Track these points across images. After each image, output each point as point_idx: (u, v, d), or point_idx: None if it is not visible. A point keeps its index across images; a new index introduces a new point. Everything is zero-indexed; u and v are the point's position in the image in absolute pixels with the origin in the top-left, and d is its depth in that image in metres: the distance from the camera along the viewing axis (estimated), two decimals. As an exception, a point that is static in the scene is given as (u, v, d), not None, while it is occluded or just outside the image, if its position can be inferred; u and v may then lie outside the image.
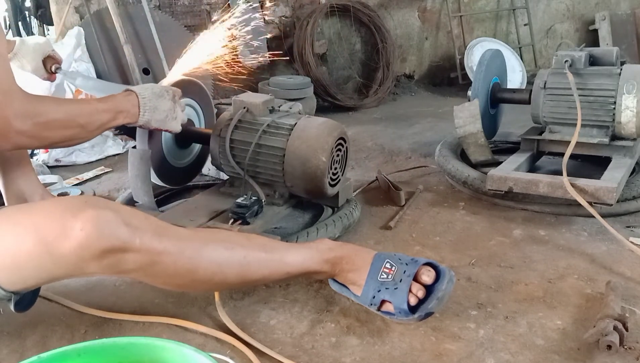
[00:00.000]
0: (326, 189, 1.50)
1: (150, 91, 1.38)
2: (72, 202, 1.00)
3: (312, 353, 1.09)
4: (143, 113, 1.36)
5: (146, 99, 1.36)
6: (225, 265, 1.09)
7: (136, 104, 1.35)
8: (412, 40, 3.91)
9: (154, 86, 1.40)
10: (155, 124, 1.40)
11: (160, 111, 1.39)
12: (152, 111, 1.37)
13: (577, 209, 1.63)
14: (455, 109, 1.93)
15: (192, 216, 1.48)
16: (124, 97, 1.35)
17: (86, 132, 1.25)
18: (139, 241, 0.97)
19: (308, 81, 3.06)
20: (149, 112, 1.36)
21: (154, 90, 1.39)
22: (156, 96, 1.38)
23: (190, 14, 3.15)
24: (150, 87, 1.39)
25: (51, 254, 0.93)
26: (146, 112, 1.36)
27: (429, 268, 1.17)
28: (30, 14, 3.63)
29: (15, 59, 1.58)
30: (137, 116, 1.35)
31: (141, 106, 1.35)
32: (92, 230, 0.93)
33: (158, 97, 1.38)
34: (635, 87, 1.74)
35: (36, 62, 1.60)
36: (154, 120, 1.38)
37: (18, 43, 1.58)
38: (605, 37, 4.13)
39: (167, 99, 1.40)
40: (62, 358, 0.84)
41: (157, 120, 1.39)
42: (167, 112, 1.41)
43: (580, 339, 1.10)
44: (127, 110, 1.33)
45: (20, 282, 0.98)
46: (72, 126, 1.21)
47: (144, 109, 1.36)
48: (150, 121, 1.38)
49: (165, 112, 1.40)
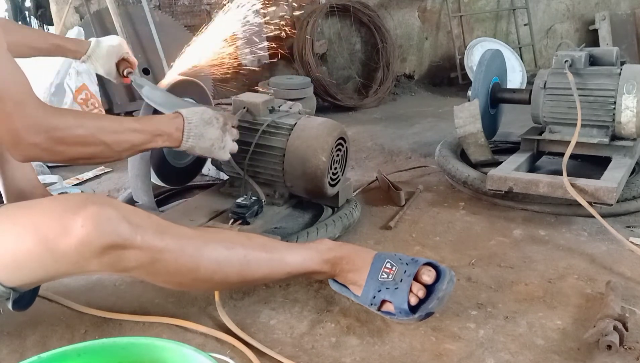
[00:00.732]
0: (326, 189, 1.50)
1: (199, 116, 1.30)
2: (72, 199, 1.00)
3: (312, 353, 1.09)
4: (187, 139, 1.28)
5: (192, 124, 1.28)
6: (226, 263, 1.09)
7: (181, 128, 1.27)
8: (412, 40, 3.91)
9: (205, 111, 1.32)
10: (199, 151, 1.31)
11: (206, 139, 1.30)
12: (197, 138, 1.29)
13: (577, 209, 1.63)
14: (455, 109, 1.93)
15: (192, 216, 1.48)
16: (168, 120, 1.28)
17: (112, 152, 1.17)
18: (140, 238, 0.97)
19: (308, 81, 3.06)
20: (194, 138, 1.28)
21: (204, 116, 1.30)
22: (204, 122, 1.30)
23: (190, 14, 3.15)
24: (200, 112, 1.31)
25: (52, 251, 0.93)
26: (190, 138, 1.28)
27: (429, 268, 1.17)
28: (30, 14, 3.63)
29: (89, 61, 1.56)
30: (180, 141, 1.27)
31: (185, 131, 1.27)
32: (92, 226, 0.93)
33: (206, 123, 1.30)
34: (635, 87, 1.74)
35: (109, 65, 1.57)
36: (198, 147, 1.30)
37: (93, 45, 1.55)
38: (605, 37, 4.13)
39: (216, 127, 1.32)
40: (62, 358, 0.84)
41: (201, 148, 1.31)
42: (214, 141, 1.32)
43: (580, 339, 1.10)
44: (170, 133, 1.25)
45: (20, 279, 0.98)
46: (93, 143, 1.12)
47: (189, 135, 1.28)
48: (195, 148, 1.30)
49: (212, 141, 1.32)
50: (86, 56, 1.55)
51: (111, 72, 1.59)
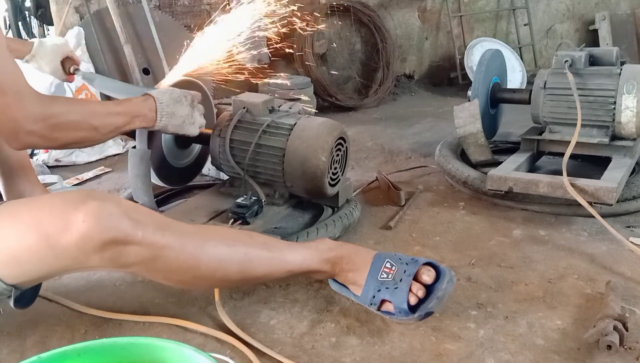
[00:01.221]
0: (326, 189, 1.50)
1: (169, 96, 1.36)
2: (73, 195, 1.00)
3: (312, 353, 1.09)
4: (160, 118, 1.34)
5: (164, 104, 1.34)
6: (227, 261, 1.09)
7: (153, 108, 1.33)
8: (412, 40, 3.91)
9: (173, 91, 1.39)
10: (172, 129, 1.38)
11: (177, 117, 1.37)
12: (169, 116, 1.35)
13: (577, 209, 1.63)
14: (455, 109, 1.93)
15: (192, 216, 1.48)
16: (141, 102, 1.33)
17: (100, 135, 1.23)
18: (141, 234, 0.97)
19: (308, 81, 3.06)
20: (167, 117, 1.35)
21: (172, 95, 1.37)
22: (174, 101, 1.36)
23: (190, 14, 3.15)
24: (168, 92, 1.37)
25: (53, 246, 0.93)
26: (163, 117, 1.34)
27: (429, 267, 1.17)
28: (30, 14, 3.62)
29: (33, 61, 1.57)
30: (154, 120, 1.34)
31: (158, 111, 1.33)
32: (94, 221, 0.93)
33: (176, 102, 1.36)
34: (635, 87, 1.74)
35: (54, 63, 1.59)
36: (170, 125, 1.37)
37: (36, 44, 1.57)
38: (605, 37, 4.13)
39: (185, 104, 1.39)
40: (62, 358, 0.84)
41: (174, 125, 1.37)
42: (185, 117, 1.39)
43: (580, 339, 1.10)
44: (144, 115, 1.32)
45: (21, 276, 0.98)
46: (84, 128, 1.19)
47: (161, 114, 1.34)
48: (168, 126, 1.36)
49: (183, 117, 1.38)
50: (30, 55, 1.57)
51: (56, 70, 1.61)
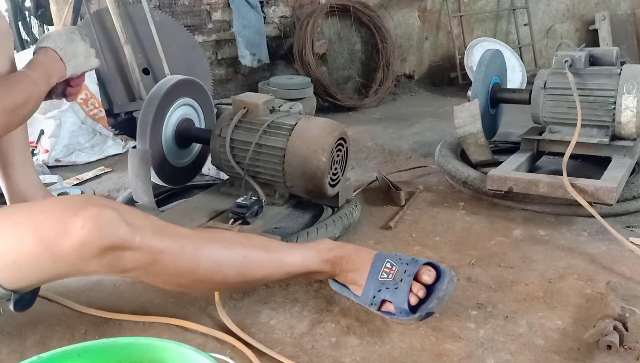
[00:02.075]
0: (326, 189, 1.50)
1: (63, 39, 1.32)
2: (72, 200, 1.00)
3: (312, 353, 1.09)
4: (67, 63, 1.31)
5: (63, 49, 1.31)
6: (226, 264, 1.09)
7: (58, 58, 1.30)
8: (412, 40, 3.90)
9: (61, 33, 1.34)
10: (80, 68, 1.35)
11: (79, 55, 1.34)
12: (73, 57, 1.32)
13: (577, 209, 1.63)
14: (455, 109, 1.93)
15: (192, 216, 1.48)
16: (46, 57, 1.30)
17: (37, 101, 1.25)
18: (140, 239, 0.97)
19: (308, 81, 3.06)
20: (72, 59, 1.32)
21: (64, 37, 1.33)
22: (69, 41, 1.33)
23: (190, 14, 3.15)
24: (59, 35, 1.33)
25: (52, 252, 0.93)
26: (70, 60, 1.32)
27: (429, 267, 1.17)
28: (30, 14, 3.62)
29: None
30: (64, 69, 1.31)
31: (63, 58, 1.31)
32: (92, 227, 0.93)
33: (71, 41, 1.33)
34: (635, 87, 1.74)
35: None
36: (77, 65, 1.34)
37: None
38: (605, 37, 4.13)
39: (78, 39, 1.36)
40: (62, 358, 0.84)
41: (79, 64, 1.35)
42: (85, 53, 1.36)
43: (580, 339, 1.10)
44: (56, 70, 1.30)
45: (20, 281, 0.98)
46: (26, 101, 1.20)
47: (67, 59, 1.31)
48: (77, 67, 1.34)
49: (83, 53, 1.36)
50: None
51: None
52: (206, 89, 1.77)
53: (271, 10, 3.42)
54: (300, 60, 3.30)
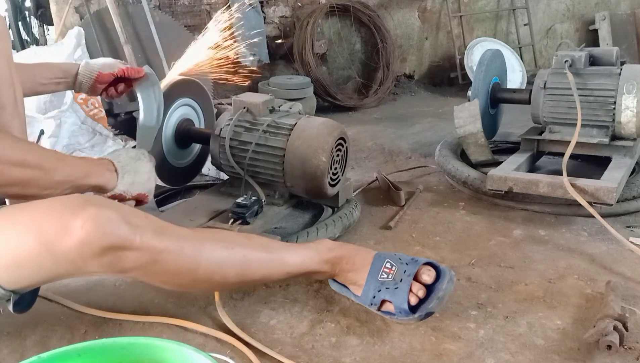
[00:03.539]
0: (326, 189, 1.50)
1: (126, 155, 1.28)
2: (72, 200, 1.00)
3: (312, 353, 1.09)
4: (122, 176, 1.24)
5: (123, 162, 1.26)
6: (225, 264, 1.09)
7: (112, 168, 1.24)
8: (412, 40, 3.91)
9: (129, 150, 1.31)
10: (138, 187, 1.27)
11: (141, 173, 1.28)
12: (133, 173, 1.26)
13: (577, 209, 1.63)
14: (455, 109, 1.93)
15: (192, 216, 1.48)
16: (96, 160, 1.24)
17: (49, 181, 1.11)
18: (139, 239, 0.97)
19: (308, 81, 3.06)
20: (130, 174, 1.25)
21: (129, 154, 1.29)
22: (133, 159, 1.28)
23: (190, 14, 3.15)
24: (124, 152, 1.30)
25: (51, 252, 0.93)
26: (126, 174, 1.24)
27: (429, 267, 1.17)
28: (30, 14, 3.63)
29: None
30: (115, 179, 1.23)
31: (120, 169, 1.24)
32: (92, 227, 0.93)
33: (136, 160, 1.28)
34: (635, 87, 1.74)
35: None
36: (137, 182, 1.27)
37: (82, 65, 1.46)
38: (605, 37, 4.13)
39: (145, 161, 1.30)
40: (62, 358, 0.84)
41: (140, 182, 1.27)
42: (149, 173, 1.30)
43: (580, 339, 1.10)
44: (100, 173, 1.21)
45: (20, 281, 0.98)
46: (31, 165, 1.08)
47: (124, 171, 1.24)
48: (134, 183, 1.26)
49: (147, 173, 1.29)
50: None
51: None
52: (206, 89, 1.77)
53: (271, 10, 3.42)
54: (300, 60, 3.30)
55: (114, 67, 1.47)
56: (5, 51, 1.25)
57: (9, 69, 1.25)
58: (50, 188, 1.12)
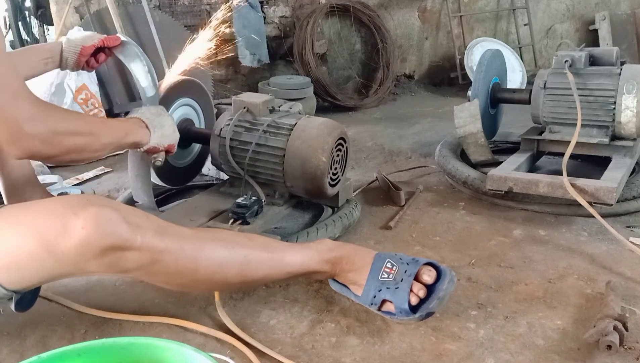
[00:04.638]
0: (326, 189, 1.50)
1: (149, 112, 1.36)
2: (73, 200, 1.00)
3: (312, 353, 1.09)
4: (154, 130, 1.34)
5: (150, 119, 1.35)
6: (226, 264, 1.09)
7: (143, 124, 1.33)
8: (412, 40, 3.90)
9: (150, 108, 1.39)
10: (167, 140, 1.38)
11: (167, 127, 1.38)
12: (160, 127, 1.36)
13: (577, 209, 1.63)
14: (455, 109, 1.93)
15: (192, 216, 1.48)
16: (129, 121, 1.33)
17: (99, 144, 1.21)
18: (140, 239, 0.97)
19: (308, 81, 3.06)
20: (159, 129, 1.35)
21: (151, 110, 1.38)
22: (156, 115, 1.37)
23: (190, 14, 3.15)
24: (146, 110, 1.38)
25: (52, 252, 0.93)
26: (156, 128, 1.34)
27: (429, 267, 1.17)
28: (30, 14, 3.63)
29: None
30: (148, 135, 1.33)
31: (149, 125, 1.34)
32: (93, 228, 0.93)
33: (159, 115, 1.37)
34: (635, 87, 1.74)
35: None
36: (164, 136, 1.37)
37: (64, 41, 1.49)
38: (605, 37, 4.13)
39: (165, 115, 1.40)
40: (62, 358, 0.84)
41: (166, 135, 1.38)
42: (172, 126, 1.40)
43: (580, 339, 1.10)
44: (135, 130, 1.31)
45: (21, 281, 0.98)
46: (83, 132, 1.17)
47: (153, 126, 1.34)
48: (162, 137, 1.36)
49: (171, 126, 1.40)
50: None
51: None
52: (206, 89, 1.77)
53: (271, 10, 3.42)
54: (300, 60, 3.30)
55: (94, 39, 1.49)
56: None
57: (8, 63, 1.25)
58: (101, 150, 1.24)
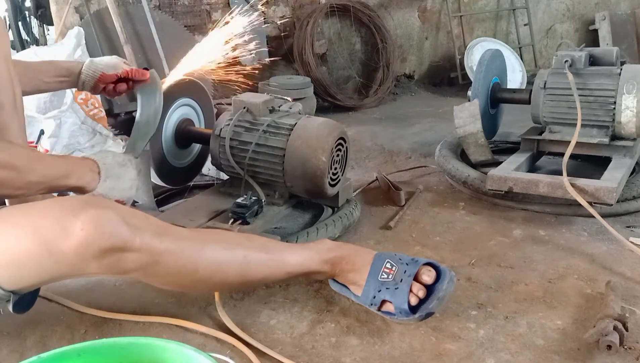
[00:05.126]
0: (326, 189, 1.50)
1: (112, 159, 1.24)
2: (72, 202, 1.00)
3: (312, 353, 1.09)
4: (104, 179, 1.20)
5: (108, 165, 1.22)
6: (226, 264, 1.09)
7: (95, 169, 1.20)
8: (412, 40, 3.90)
9: (117, 154, 1.27)
10: (117, 193, 1.23)
11: (125, 180, 1.24)
12: (116, 178, 1.22)
13: (577, 209, 1.63)
14: (455, 109, 1.93)
15: (192, 216, 1.48)
16: (79, 160, 1.21)
17: (22, 181, 1.08)
18: (139, 240, 0.97)
19: (308, 81, 3.06)
20: (113, 179, 1.21)
21: (117, 158, 1.25)
22: (119, 164, 1.24)
23: (190, 14, 3.15)
24: (112, 155, 1.25)
25: (51, 253, 0.93)
26: (108, 178, 1.20)
27: (429, 268, 1.17)
28: (30, 14, 3.62)
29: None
30: (96, 181, 1.19)
31: (102, 172, 1.20)
32: (92, 229, 0.93)
33: (121, 165, 1.24)
34: (635, 87, 1.74)
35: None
36: (117, 189, 1.22)
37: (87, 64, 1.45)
38: (605, 37, 4.13)
39: (131, 168, 1.26)
40: (62, 358, 0.84)
41: (120, 189, 1.23)
42: (132, 182, 1.26)
43: (580, 339, 1.10)
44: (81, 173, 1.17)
45: (20, 282, 0.98)
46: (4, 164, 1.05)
47: (106, 175, 1.20)
48: (113, 189, 1.22)
49: (131, 181, 1.25)
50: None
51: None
52: (206, 89, 1.77)
53: (271, 10, 3.42)
54: (300, 60, 3.30)
55: (117, 68, 1.47)
56: (4, 51, 1.25)
57: (8, 69, 1.25)
58: (25, 188, 1.10)
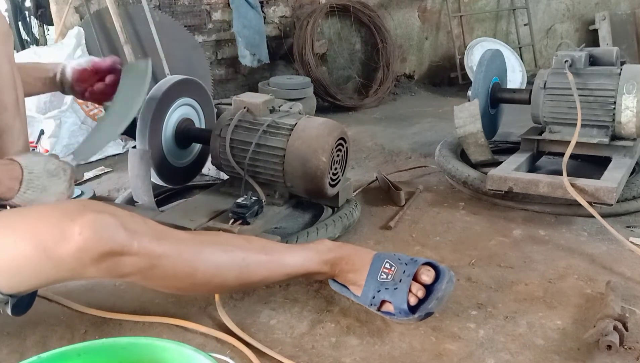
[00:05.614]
0: (326, 190, 1.50)
1: (42, 167, 1.11)
2: (70, 206, 0.99)
3: (312, 353, 1.09)
4: (25, 191, 1.08)
5: (33, 175, 1.09)
6: (224, 267, 1.09)
7: (17, 177, 1.08)
8: (412, 40, 3.91)
9: (49, 160, 1.13)
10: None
11: (50, 194, 1.11)
12: (40, 190, 1.10)
13: (577, 209, 1.63)
14: (455, 109, 1.93)
15: (192, 216, 1.48)
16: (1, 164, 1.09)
17: None
18: (138, 244, 0.97)
19: (308, 81, 3.06)
20: (35, 191, 1.09)
21: (48, 166, 1.12)
22: (49, 173, 1.12)
23: (190, 14, 3.15)
24: (42, 162, 1.12)
25: (50, 258, 0.93)
26: (29, 190, 1.09)
27: (428, 267, 1.17)
28: (30, 14, 3.62)
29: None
30: (14, 191, 1.07)
31: (25, 182, 1.08)
32: (90, 233, 0.93)
33: (51, 175, 1.12)
34: (635, 87, 1.74)
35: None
36: (39, 202, 1.10)
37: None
38: (605, 37, 4.13)
39: (63, 180, 1.14)
40: (62, 358, 0.84)
41: (42, 202, 1.10)
42: (59, 196, 1.13)
43: (580, 339, 1.10)
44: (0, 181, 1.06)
45: (18, 285, 0.98)
46: None
47: (28, 186, 1.08)
48: (34, 201, 1.09)
49: (57, 195, 1.12)
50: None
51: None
52: (206, 89, 1.77)
53: (271, 10, 3.42)
54: (300, 60, 3.30)
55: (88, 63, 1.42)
56: (8, 52, 1.25)
57: (11, 69, 1.25)
58: None
